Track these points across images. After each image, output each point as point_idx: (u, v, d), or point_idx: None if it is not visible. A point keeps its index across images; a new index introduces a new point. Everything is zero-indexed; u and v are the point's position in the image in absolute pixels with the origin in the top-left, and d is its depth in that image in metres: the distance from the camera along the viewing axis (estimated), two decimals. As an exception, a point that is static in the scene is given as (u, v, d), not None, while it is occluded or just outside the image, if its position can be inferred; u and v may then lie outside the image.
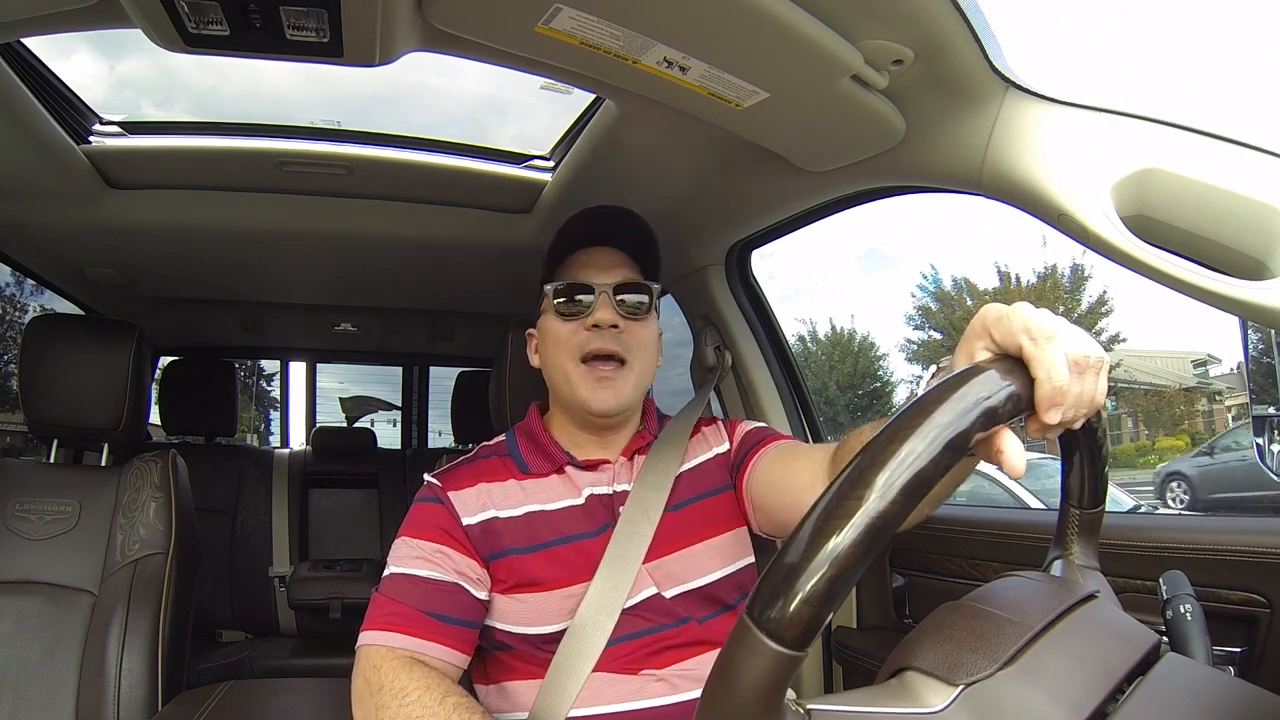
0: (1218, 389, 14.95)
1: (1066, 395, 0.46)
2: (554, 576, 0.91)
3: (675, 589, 0.93)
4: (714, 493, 1.00)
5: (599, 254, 1.02)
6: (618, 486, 0.98)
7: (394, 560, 0.91)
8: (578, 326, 0.97)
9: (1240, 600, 0.86)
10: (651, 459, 1.00)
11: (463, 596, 0.89)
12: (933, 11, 0.75)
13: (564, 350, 0.97)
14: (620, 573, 0.90)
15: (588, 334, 0.96)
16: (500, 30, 0.82)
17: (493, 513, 0.94)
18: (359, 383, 4.82)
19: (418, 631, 0.85)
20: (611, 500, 0.97)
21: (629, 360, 0.97)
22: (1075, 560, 0.60)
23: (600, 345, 0.96)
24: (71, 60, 1.23)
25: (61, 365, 1.36)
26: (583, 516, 0.95)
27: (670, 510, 0.95)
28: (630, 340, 0.98)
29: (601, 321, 0.96)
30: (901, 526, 0.37)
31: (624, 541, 0.92)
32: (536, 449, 1.01)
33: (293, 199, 1.45)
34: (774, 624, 0.35)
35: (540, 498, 0.96)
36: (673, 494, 0.97)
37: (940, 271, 26.05)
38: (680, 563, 0.94)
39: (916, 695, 0.42)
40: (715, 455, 1.04)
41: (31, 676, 1.20)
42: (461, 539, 0.92)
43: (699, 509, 0.98)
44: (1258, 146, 0.70)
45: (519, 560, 0.92)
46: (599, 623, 0.89)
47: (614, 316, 0.97)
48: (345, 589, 2.15)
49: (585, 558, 0.92)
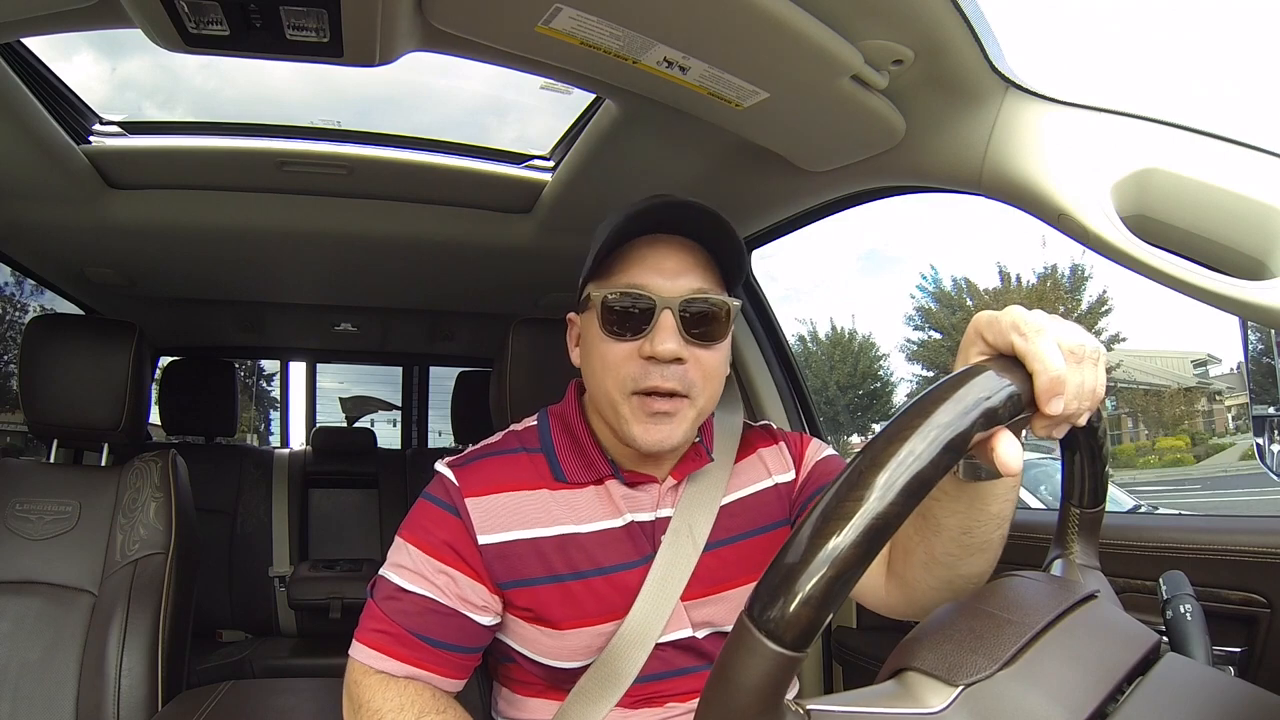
0: (1218, 389, 14.96)
1: (1066, 384, 0.46)
2: (584, 612, 0.80)
3: (707, 630, 0.85)
4: (767, 529, 0.88)
5: (666, 248, 0.80)
6: (660, 512, 0.85)
7: (391, 565, 0.81)
8: (632, 351, 0.78)
9: (1240, 600, 0.86)
10: (697, 482, 0.87)
11: (461, 623, 0.79)
12: (933, 11, 0.75)
13: (611, 379, 0.79)
14: (659, 605, 0.81)
15: (643, 365, 0.77)
16: (500, 30, 0.81)
17: (517, 533, 0.80)
18: (359, 383, 4.82)
19: (402, 655, 0.77)
20: (653, 528, 0.84)
21: (692, 396, 0.79)
22: (1075, 560, 0.60)
23: (658, 383, 0.77)
24: (73, 61, 1.23)
25: (61, 365, 1.36)
26: (623, 542, 0.83)
27: (715, 547, 0.84)
28: (696, 375, 0.79)
29: (662, 355, 0.76)
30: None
31: (663, 575, 0.81)
32: (577, 452, 0.85)
33: (293, 199, 1.45)
34: (773, 625, 0.35)
35: (575, 516, 0.82)
36: (721, 525, 0.85)
37: (940, 272, 26.10)
38: (720, 605, 0.85)
39: (916, 696, 0.42)
40: (776, 485, 0.90)
41: (31, 676, 1.20)
42: (473, 561, 0.79)
43: (748, 546, 0.86)
44: (1258, 146, 0.70)
45: (545, 591, 0.80)
46: (631, 656, 0.80)
47: (679, 348, 0.77)
48: (345, 589, 2.15)
49: (620, 592, 0.81)
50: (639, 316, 0.78)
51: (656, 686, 0.83)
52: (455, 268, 1.76)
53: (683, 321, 0.78)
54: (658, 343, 0.76)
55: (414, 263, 1.73)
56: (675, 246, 0.81)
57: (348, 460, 2.68)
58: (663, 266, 0.79)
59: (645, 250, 0.80)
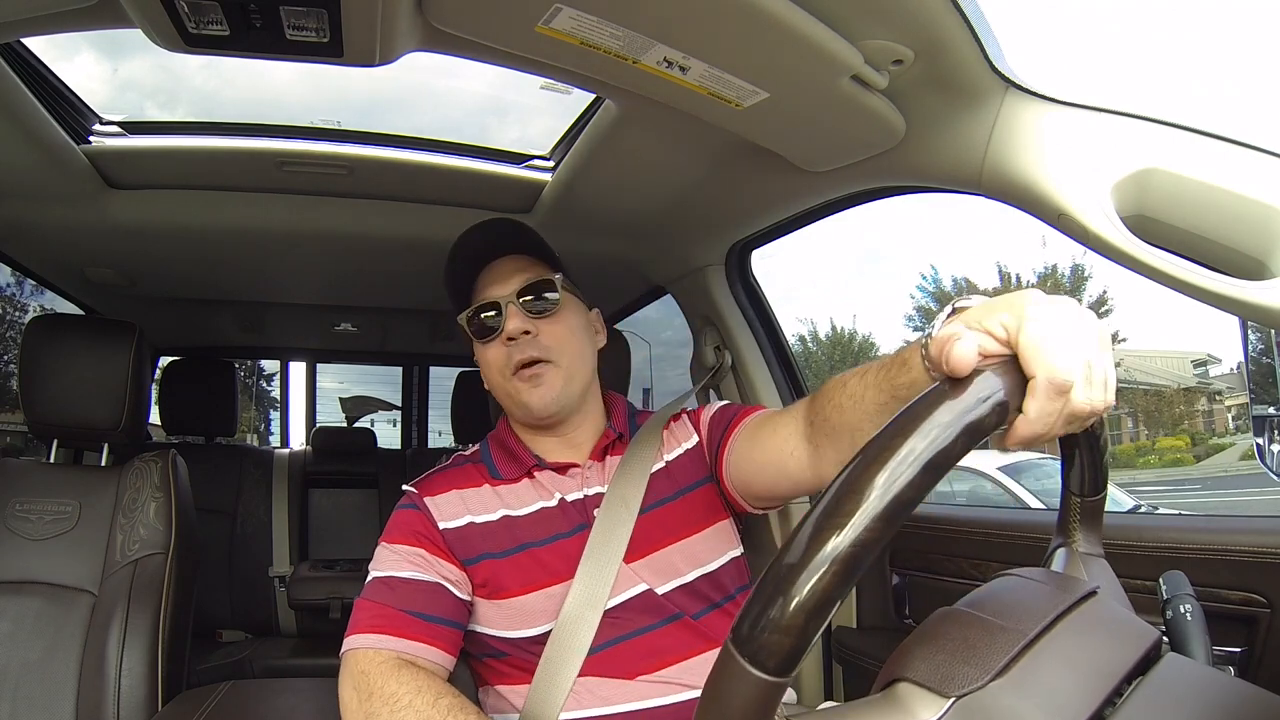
0: (1218, 389, 14.95)
1: (1052, 424, 0.44)
2: (532, 578, 0.92)
3: (667, 585, 0.93)
4: (691, 488, 1.00)
5: (494, 269, 1.02)
6: (589, 490, 0.98)
7: (375, 566, 0.93)
8: (498, 345, 0.98)
9: (1240, 600, 0.86)
10: (626, 458, 1.00)
11: (445, 596, 0.90)
12: (933, 11, 0.75)
13: (494, 370, 0.99)
14: (601, 569, 0.91)
15: (507, 348, 0.97)
16: (500, 30, 0.81)
17: (468, 518, 0.95)
18: (359, 383, 4.82)
19: (402, 631, 0.85)
20: (584, 504, 0.97)
21: (553, 359, 0.98)
22: (1078, 548, 0.60)
23: (520, 355, 0.97)
24: (75, 63, 1.23)
25: (61, 365, 1.36)
26: (557, 518, 0.96)
27: (649, 509, 0.95)
28: (548, 341, 0.98)
29: (513, 332, 0.96)
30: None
31: (603, 538, 0.92)
32: (507, 454, 1.02)
33: (293, 199, 1.45)
34: (758, 652, 0.36)
35: (513, 502, 0.97)
36: (649, 493, 0.97)
37: (940, 272, 26.10)
38: (666, 559, 0.94)
39: (908, 708, 0.42)
40: (686, 450, 1.04)
41: (31, 676, 1.20)
42: (439, 542, 0.94)
43: (677, 506, 0.98)
44: (1258, 146, 0.70)
45: (496, 564, 0.93)
46: (584, 618, 0.89)
47: (523, 323, 0.97)
48: (345, 589, 2.14)
49: (563, 558, 0.92)
50: (492, 319, 0.99)
51: (617, 652, 0.89)
52: None
53: (523, 306, 0.97)
54: (509, 324, 0.96)
55: (414, 263, 1.73)
56: (500, 263, 1.02)
57: (348, 460, 2.68)
58: (495, 278, 1.00)
59: (483, 277, 1.02)
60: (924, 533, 1.27)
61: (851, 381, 0.77)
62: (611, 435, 1.03)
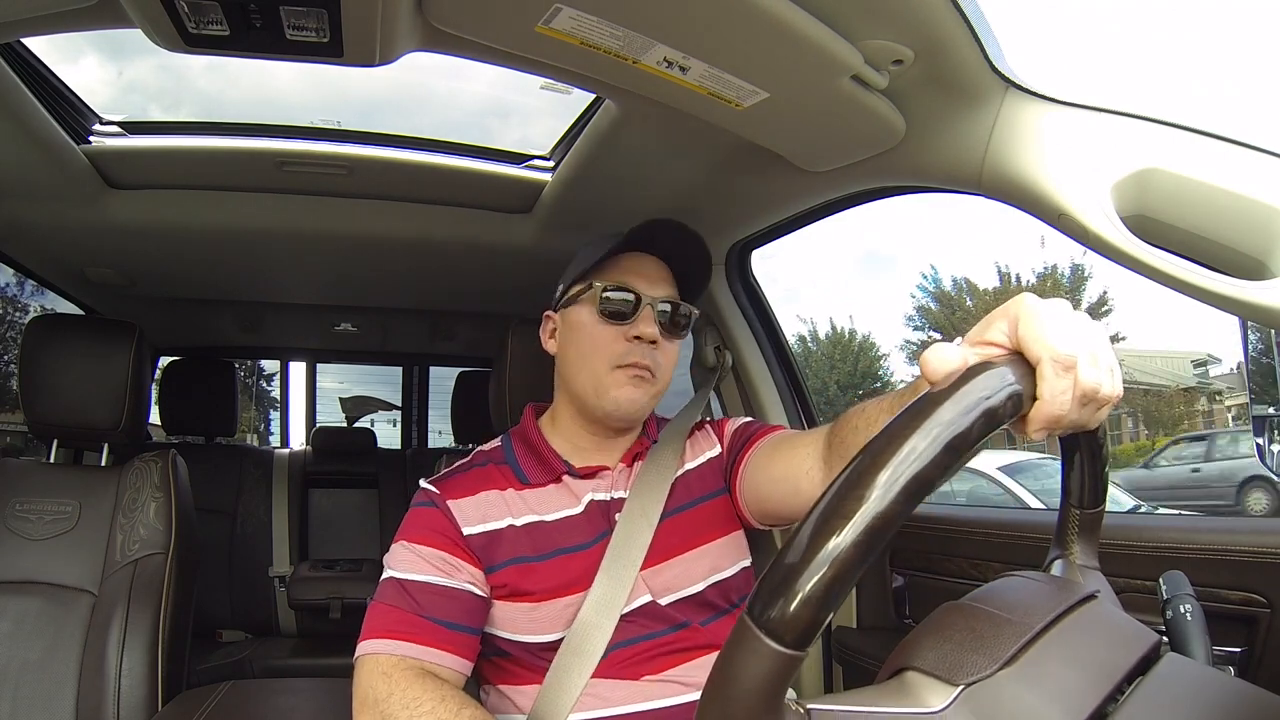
0: (1218, 389, 14.95)
1: (1063, 421, 0.45)
2: (554, 586, 0.91)
3: (670, 597, 0.92)
4: (708, 498, 1.00)
5: (648, 263, 1.00)
6: (615, 493, 0.98)
7: (393, 565, 0.90)
8: (619, 334, 0.96)
9: (1240, 600, 0.86)
10: (649, 464, 0.99)
11: (467, 602, 0.88)
12: (933, 11, 0.75)
13: (600, 356, 0.96)
14: (619, 576, 0.90)
15: (627, 345, 0.95)
16: (500, 30, 0.81)
17: (493, 524, 0.93)
18: (359, 383, 4.81)
19: (423, 639, 0.84)
20: (608, 507, 0.97)
21: (657, 376, 0.97)
22: (1075, 560, 0.60)
23: (639, 359, 0.95)
24: (80, 65, 1.23)
25: (61, 365, 1.36)
26: (582, 525, 0.95)
27: (667, 516, 0.95)
28: (662, 359, 0.98)
29: (645, 335, 0.95)
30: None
31: (622, 546, 0.92)
32: (534, 458, 1.00)
33: (293, 199, 1.45)
34: (774, 624, 0.35)
35: (540, 508, 0.96)
36: (670, 499, 0.96)
37: (940, 272, 26.11)
38: (675, 569, 0.94)
39: (916, 695, 0.42)
40: (708, 460, 1.04)
41: (31, 676, 1.20)
42: (462, 545, 0.91)
43: (694, 514, 0.98)
44: (1258, 146, 0.70)
45: (519, 570, 0.91)
46: (600, 625, 0.88)
47: (656, 333, 0.96)
48: (345, 589, 2.15)
49: (583, 567, 0.92)
50: (626, 305, 0.96)
51: (627, 654, 0.89)
52: (455, 268, 1.76)
53: (658, 315, 0.97)
54: (644, 326, 0.95)
55: (414, 263, 1.73)
56: (655, 263, 1.01)
57: (348, 460, 2.68)
58: (645, 274, 0.99)
59: (630, 261, 0.99)
60: (924, 533, 1.27)
61: (870, 407, 0.78)
62: (646, 443, 1.03)
